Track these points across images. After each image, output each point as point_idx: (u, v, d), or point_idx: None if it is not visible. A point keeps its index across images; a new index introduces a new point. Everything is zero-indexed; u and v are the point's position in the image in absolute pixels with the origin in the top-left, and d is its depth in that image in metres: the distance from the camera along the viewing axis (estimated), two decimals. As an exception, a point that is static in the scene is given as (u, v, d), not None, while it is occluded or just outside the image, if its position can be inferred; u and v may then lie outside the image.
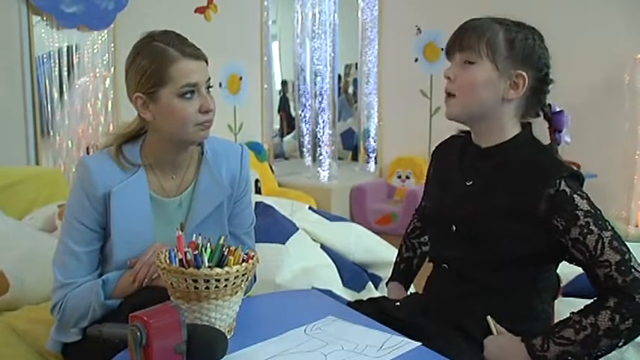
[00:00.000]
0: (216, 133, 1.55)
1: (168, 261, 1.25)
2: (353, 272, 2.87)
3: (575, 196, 1.28)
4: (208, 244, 1.30)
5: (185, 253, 1.25)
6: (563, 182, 1.28)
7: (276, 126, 7.39)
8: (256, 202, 3.21)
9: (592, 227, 1.25)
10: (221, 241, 1.29)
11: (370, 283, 2.86)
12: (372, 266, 2.99)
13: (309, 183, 5.55)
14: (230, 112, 5.26)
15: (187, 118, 1.43)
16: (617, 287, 1.23)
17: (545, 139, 1.44)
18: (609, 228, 1.26)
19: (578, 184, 1.32)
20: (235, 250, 1.29)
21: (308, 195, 5.06)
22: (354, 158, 6.71)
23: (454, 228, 1.41)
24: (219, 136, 1.65)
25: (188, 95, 1.42)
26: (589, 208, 1.27)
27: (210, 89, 1.47)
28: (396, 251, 1.81)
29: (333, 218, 3.40)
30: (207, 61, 1.47)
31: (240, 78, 5.29)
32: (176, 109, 1.42)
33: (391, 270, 1.78)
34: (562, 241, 1.28)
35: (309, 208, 3.48)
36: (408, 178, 5.59)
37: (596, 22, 4.56)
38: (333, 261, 2.87)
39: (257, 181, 5.02)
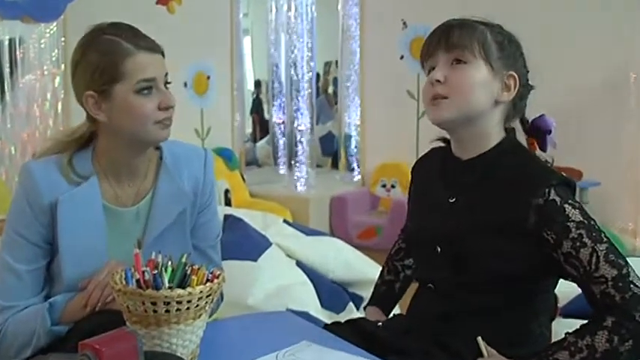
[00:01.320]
0: (181, 138, 1.56)
1: (124, 282, 1.24)
2: (332, 292, 2.88)
3: (566, 206, 1.29)
4: (169, 263, 1.29)
5: (143, 272, 1.24)
6: (552, 191, 1.30)
7: (248, 130, 7.38)
8: (225, 215, 3.23)
9: (585, 240, 1.27)
10: (183, 259, 1.29)
11: (351, 303, 2.87)
12: (354, 285, 3.00)
13: (284, 193, 5.55)
14: (196, 115, 5.24)
15: (146, 115, 1.43)
16: (615, 305, 1.24)
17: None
18: (604, 240, 1.28)
19: (570, 193, 1.33)
20: (199, 268, 1.29)
21: (283, 206, 5.07)
22: (334, 165, 6.72)
23: (439, 249, 1.42)
24: (184, 141, 1.65)
25: (145, 91, 1.43)
26: (581, 219, 1.28)
27: (168, 85, 1.48)
28: (380, 269, 1.82)
29: (310, 232, 3.42)
30: (163, 54, 1.47)
31: (208, 77, 5.29)
32: (133, 106, 1.42)
33: (370, 293, 1.78)
34: (554, 256, 1.30)
35: (284, 221, 3.50)
36: (393, 187, 5.61)
37: (598, 16, 4.61)
38: (310, 279, 2.88)
39: (227, 191, 5.01)
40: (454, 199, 1.43)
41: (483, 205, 1.37)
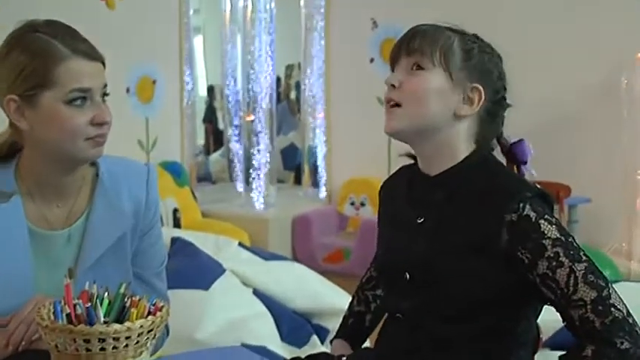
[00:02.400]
0: (123, 151, 1.55)
1: (52, 317, 1.23)
2: (294, 323, 2.89)
3: (541, 221, 1.31)
4: (105, 294, 1.27)
5: (74, 306, 1.22)
6: (527, 206, 1.32)
7: (200, 141, 7.33)
8: (173, 238, 3.22)
9: (562, 259, 1.29)
10: (122, 290, 1.27)
11: (315, 336, 2.88)
12: (318, 316, 3.01)
13: (240, 212, 5.53)
14: (141, 125, 5.21)
15: (76, 129, 1.42)
16: (595, 331, 1.25)
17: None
18: (583, 259, 1.30)
19: (547, 207, 1.36)
20: (139, 300, 1.27)
21: (239, 227, 5.05)
22: (297, 181, 6.71)
23: (407, 275, 1.44)
24: (125, 155, 1.66)
25: (78, 102, 1.42)
26: (558, 236, 1.31)
27: (106, 97, 1.46)
28: (349, 297, 1.82)
29: (269, 257, 3.42)
30: (104, 63, 1.46)
31: (154, 82, 5.26)
32: (62, 117, 1.41)
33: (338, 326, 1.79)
34: (530, 278, 1.32)
35: (240, 244, 3.50)
36: (363, 205, 5.63)
37: (585, 14, 4.68)
38: (269, 310, 2.89)
39: (175, 210, 4.99)
40: (422, 219, 1.45)
41: (453, 224, 1.40)
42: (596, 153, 4.68)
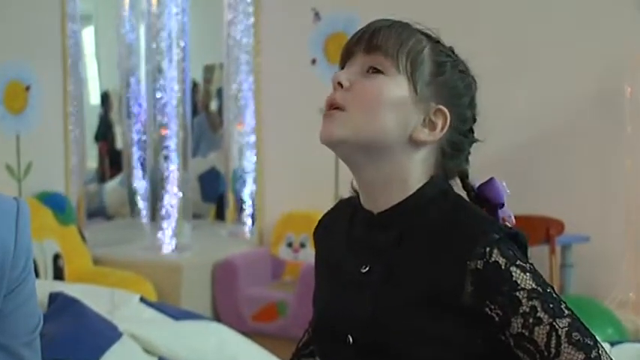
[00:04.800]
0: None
1: None
2: (211, 403, 2.87)
3: (513, 269, 1.33)
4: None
5: None
6: (495, 250, 1.34)
7: (92, 165, 7.28)
8: (52, 294, 3.18)
9: (540, 314, 1.30)
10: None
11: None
12: (244, 392, 3.00)
13: (144, 257, 5.51)
14: (10, 144, 5.14)
15: None
16: None
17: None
18: (566, 313, 1.31)
19: (517, 249, 1.38)
20: (2, 379, 1.26)
21: (142, 277, 5.02)
22: (220, 216, 6.71)
23: (350, 339, 1.45)
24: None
25: None
26: (534, 286, 1.32)
27: None
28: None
29: (181, 315, 3.40)
30: None
31: (27, 88, 5.20)
32: None
33: None
34: (503, 339, 1.34)
35: (142, 299, 3.46)
36: (303, 246, 5.64)
37: (580, 12, 4.79)
38: (180, 385, 2.86)
39: (57, 257, 4.93)
40: (367, 268, 1.46)
41: (405, 274, 1.41)
42: (594, 180, 4.76)
